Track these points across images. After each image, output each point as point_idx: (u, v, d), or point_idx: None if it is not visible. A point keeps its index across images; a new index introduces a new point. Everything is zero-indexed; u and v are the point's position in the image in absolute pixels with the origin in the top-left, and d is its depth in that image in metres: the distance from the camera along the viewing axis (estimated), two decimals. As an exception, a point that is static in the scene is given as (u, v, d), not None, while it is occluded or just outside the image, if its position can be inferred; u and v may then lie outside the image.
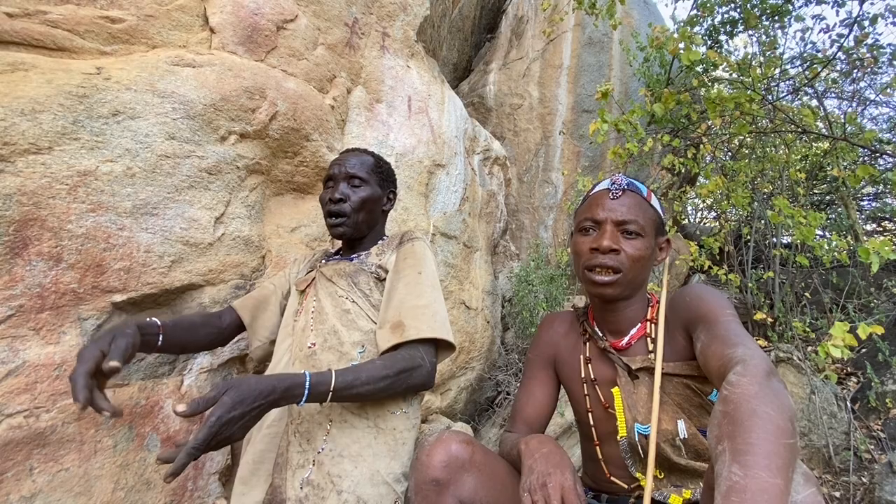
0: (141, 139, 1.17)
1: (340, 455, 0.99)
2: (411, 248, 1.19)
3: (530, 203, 3.61)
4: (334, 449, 1.00)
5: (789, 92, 3.29)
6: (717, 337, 0.83)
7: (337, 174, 1.24)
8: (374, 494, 0.98)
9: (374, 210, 1.26)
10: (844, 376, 2.86)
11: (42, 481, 0.97)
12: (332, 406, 1.03)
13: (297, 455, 1.01)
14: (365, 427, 1.03)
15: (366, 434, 1.03)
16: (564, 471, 0.80)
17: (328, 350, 1.08)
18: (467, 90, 3.92)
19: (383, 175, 1.30)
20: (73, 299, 1.05)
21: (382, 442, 1.03)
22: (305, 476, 0.98)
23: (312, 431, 1.02)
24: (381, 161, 1.32)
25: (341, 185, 1.23)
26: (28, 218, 0.99)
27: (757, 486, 0.54)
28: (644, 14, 4.07)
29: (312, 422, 1.03)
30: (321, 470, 0.98)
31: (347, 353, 1.08)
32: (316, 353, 1.08)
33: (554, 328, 1.18)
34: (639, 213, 0.99)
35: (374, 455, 1.01)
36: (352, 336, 1.10)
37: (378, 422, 1.05)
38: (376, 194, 1.26)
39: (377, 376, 0.96)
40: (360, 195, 1.22)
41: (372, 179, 1.26)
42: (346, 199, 1.21)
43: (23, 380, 0.97)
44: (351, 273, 1.17)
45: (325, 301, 1.14)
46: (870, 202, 4.54)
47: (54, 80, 1.07)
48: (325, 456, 0.99)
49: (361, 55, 1.93)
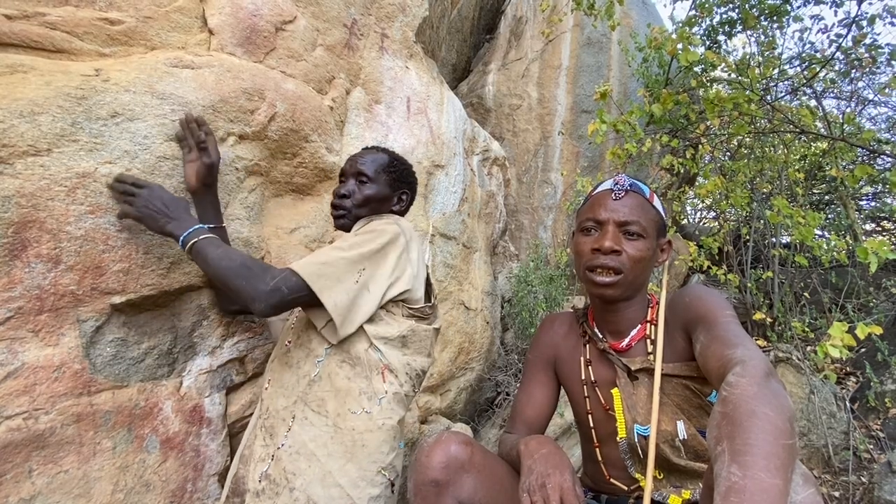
0: (140, 141, 1.17)
1: (297, 452, 1.01)
2: (367, 222, 1.20)
3: (529, 203, 3.61)
4: (293, 445, 1.01)
5: (788, 92, 3.30)
6: (716, 338, 0.83)
7: (347, 170, 1.27)
8: (324, 496, 0.96)
9: (378, 209, 1.26)
10: (843, 376, 2.86)
11: (41, 483, 0.97)
12: (296, 403, 1.05)
13: (260, 448, 1.03)
14: (323, 425, 1.04)
15: (323, 433, 1.03)
16: (563, 471, 0.80)
17: (299, 347, 1.11)
18: (466, 91, 3.92)
19: (396, 175, 1.30)
20: (72, 301, 1.05)
21: (339, 442, 1.02)
22: (264, 470, 1.00)
23: (276, 427, 1.04)
24: (397, 161, 1.32)
25: (350, 180, 1.25)
26: (27, 220, 0.99)
27: (756, 487, 0.54)
28: (643, 14, 4.07)
29: (278, 417, 1.05)
30: (278, 465, 1.00)
31: (314, 350, 1.09)
32: (290, 350, 1.11)
33: (554, 329, 1.18)
34: (641, 214, 0.99)
35: (328, 455, 1.00)
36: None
37: (337, 421, 1.04)
38: (382, 193, 1.26)
39: (229, 257, 1.00)
40: (365, 192, 1.24)
41: (380, 178, 1.26)
42: (350, 196, 1.23)
43: (22, 382, 0.97)
44: None
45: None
46: (869, 202, 4.54)
47: (53, 81, 1.07)
48: (283, 452, 1.01)
49: (360, 56, 1.93)
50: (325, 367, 1.07)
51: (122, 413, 1.11)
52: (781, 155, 3.34)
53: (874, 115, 4.64)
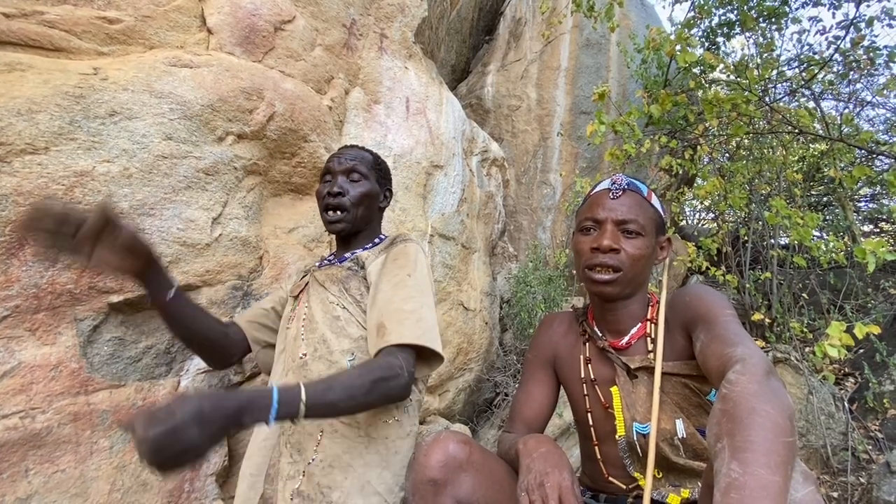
0: (138, 140, 1.17)
1: (331, 466, 0.97)
2: (403, 248, 1.13)
3: (528, 204, 3.61)
4: (325, 459, 0.98)
5: (786, 93, 3.31)
6: (716, 336, 0.83)
7: (336, 168, 1.21)
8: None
9: (371, 206, 1.24)
10: (842, 377, 2.86)
11: (38, 482, 0.96)
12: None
13: (287, 466, 0.99)
14: (356, 437, 1.01)
15: (357, 444, 1.00)
16: (562, 470, 0.80)
17: (318, 360, 1.05)
18: (465, 92, 3.92)
19: (381, 172, 1.29)
20: (70, 300, 1.05)
21: (374, 451, 1.01)
22: (296, 487, 0.96)
23: (303, 442, 0.99)
24: (380, 159, 1.30)
25: (339, 178, 1.20)
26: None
27: (756, 483, 0.54)
28: (642, 16, 4.08)
29: (303, 432, 1.00)
30: (311, 481, 0.96)
31: (337, 362, 1.04)
32: (307, 363, 1.06)
33: (553, 328, 1.18)
34: (639, 212, 0.99)
35: (365, 465, 0.99)
36: (341, 344, 1.06)
37: (370, 430, 1.02)
38: (375, 190, 1.24)
39: (352, 386, 0.87)
40: (360, 190, 1.20)
41: (371, 175, 1.24)
42: (345, 193, 1.18)
43: (18, 380, 0.96)
44: (342, 279, 1.14)
45: (316, 308, 1.11)
46: (867, 203, 4.55)
47: (51, 80, 1.07)
48: (315, 467, 0.97)
49: (359, 56, 1.93)
50: None
51: (119, 412, 1.10)
52: (780, 156, 3.34)
53: (872, 117, 4.66)
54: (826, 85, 3.62)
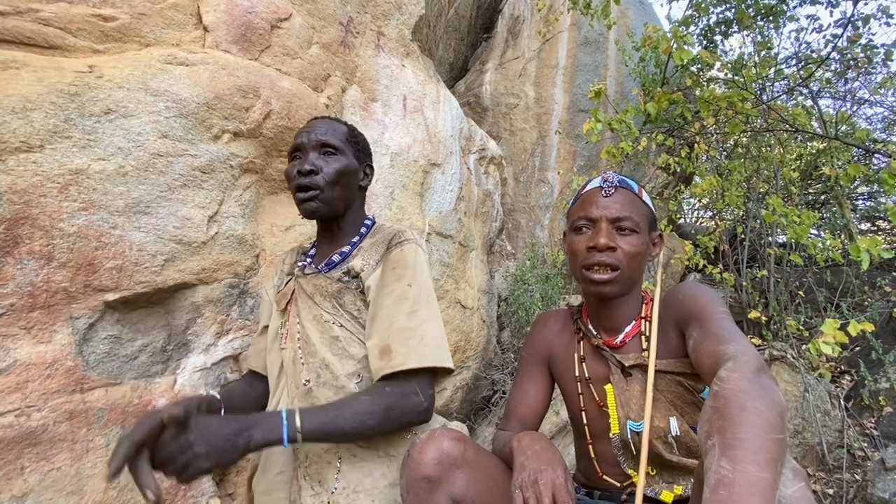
0: (133, 138, 1.17)
1: (355, 491, 0.94)
2: (400, 253, 1.05)
3: (526, 202, 3.62)
4: (348, 486, 0.94)
5: (784, 92, 3.31)
6: (709, 334, 0.84)
7: (305, 143, 1.07)
8: None
9: (350, 184, 1.11)
10: (838, 374, 2.87)
11: (33, 480, 0.96)
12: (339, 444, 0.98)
13: (310, 499, 0.95)
14: (376, 458, 0.98)
15: (378, 465, 0.97)
16: (556, 467, 0.80)
17: (323, 386, 1.00)
18: (463, 90, 3.92)
19: (359, 146, 1.16)
20: (65, 298, 1.05)
21: (396, 469, 0.98)
22: None
23: (323, 472, 0.96)
24: (355, 131, 1.18)
25: (311, 154, 1.06)
26: (19, 216, 0.99)
27: (745, 480, 0.54)
28: (640, 14, 4.08)
29: (321, 462, 0.97)
30: None
31: (344, 387, 1.00)
32: (312, 390, 1.01)
33: (548, 326, 1.18)
34: (632, 209, 0.99)
35: (390, 485, 0.96)
36: (345, 367, 1.01)
37: (389, 450, 0.99)
38: (352, 166, 1.11)
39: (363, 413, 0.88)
40: (335, 166, 1.07)
41: (347, 149, 1.11)
42: (318, 171, 1.05)
43: (14, 379, 0.96)
44: (334, 293, 1.05)
45: (310, 326, 1.04)
46: (864, 202, 4.56)
47: (46, 78, 1.07)
48: (339, 495, 0.94)
49: (356, 54, 1.93)
50: None
51: (115, 410, 1.10)
52: (777, 155, 3.35)
53: (870, 115, 4.66)
54: (824, 83, 3.62)
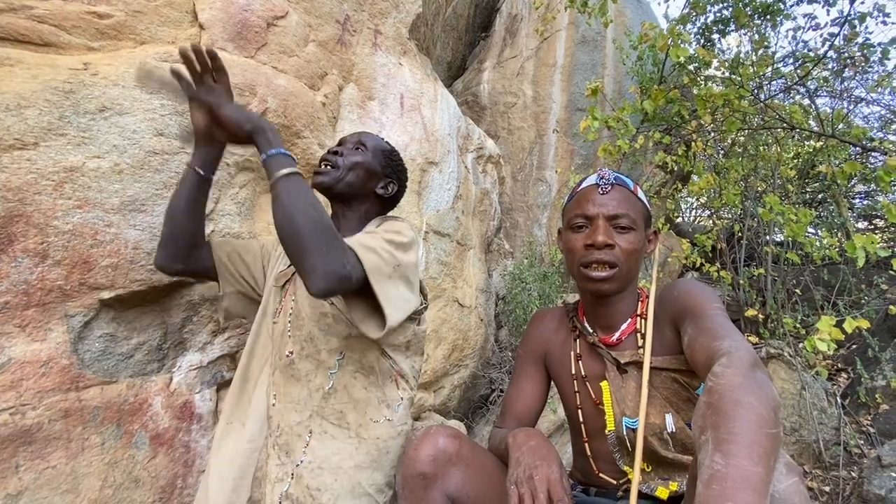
0: (129, 135, 1.16)
1: (320, 467, 0.97)
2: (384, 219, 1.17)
3: (524, 201, 3.62)
4: (314, 461, 0.97)
5: (781, 90, 3.32)
6: (703, 330, 0.84)
7: (348, 138, 1.22)
8: None
9: (364, 179, 1.17)
10: (835, 372, 2.88)
11: (28, 479, 0.96)
12: (311, 417, 1.00)
13: (275, 468, 0.98)
14: (346, 437, 1.00)
15: (347, 445, 0.99)
16: (551, 463, 0.80)
17: (305, 359, 1.03)
18: (461, 88, 3.92)
19: (391, 162, 1.24)
20: (60, 296, 1.05)
21: (364, 452, 1.00)
22: (284, 490, 0.96)
23: (292, 443, 0.98)
24: (396, 154, 1.27)
25: (347, 146, 1.19)
26: (13, 214, 0.98)
27: (738, 475, 0.54)
28: (637, 12, 4.08)
29: (292, 433, 0.99)
30: (300, 483, 0.96)
31: (325, 362, 1.03)
32: (294, 361, 1.04)
33: (544, 324, 1.18)
34: (629, 206, 0.99)
35: (356, 467, 0.98)
36: (329, 343, 1.04)
37: (360, 431, 1.01)
38: (373, 168, 1.19)
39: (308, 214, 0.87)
40: (356, 158, 1.17)
41: (375, 157, 1.20)
42: (342, 155, 1.16)
43: (8, 377, 0.96)
44: None
45: (303, 302, 1.08)
46: (861, 200, 4.58)
47: (40, 75, 1.07)
48: (304, 469, 0.96)
49: (353, 52, 1.93)
50: (340, 378, 1.04)
51: (110, 409, 1.10)
52: (774, 153, 3.36)
53: (867, 114, 4.68)
54: (821, 82, 3.63)
